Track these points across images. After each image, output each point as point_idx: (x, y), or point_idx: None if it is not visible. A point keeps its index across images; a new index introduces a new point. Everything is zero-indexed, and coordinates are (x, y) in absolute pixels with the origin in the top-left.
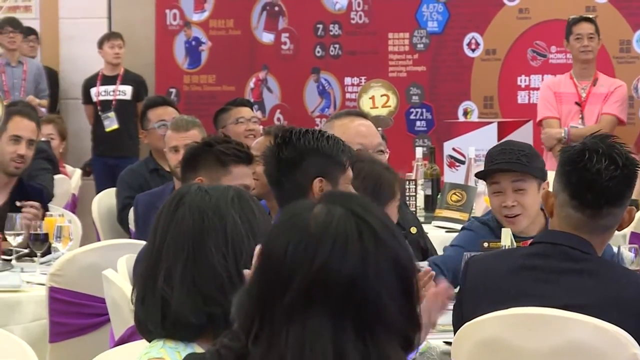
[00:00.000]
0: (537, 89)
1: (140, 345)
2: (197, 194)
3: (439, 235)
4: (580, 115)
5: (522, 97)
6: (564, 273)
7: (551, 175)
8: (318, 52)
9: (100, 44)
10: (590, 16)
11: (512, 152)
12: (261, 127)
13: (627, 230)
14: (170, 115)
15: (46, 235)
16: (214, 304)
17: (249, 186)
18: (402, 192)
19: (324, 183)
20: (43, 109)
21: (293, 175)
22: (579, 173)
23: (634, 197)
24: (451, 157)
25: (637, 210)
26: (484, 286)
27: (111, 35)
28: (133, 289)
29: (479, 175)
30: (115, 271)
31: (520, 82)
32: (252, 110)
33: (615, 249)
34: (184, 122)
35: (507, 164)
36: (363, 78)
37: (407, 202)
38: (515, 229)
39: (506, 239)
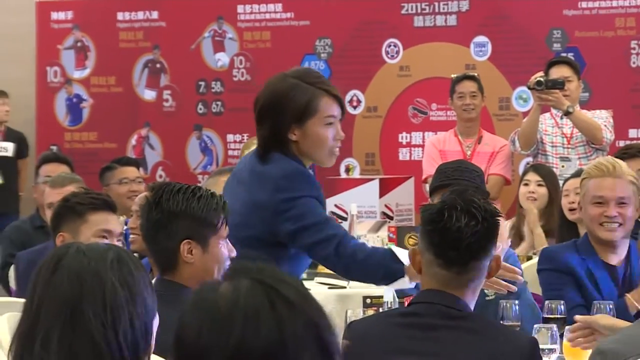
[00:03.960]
0: (418, 145)
1: None
2: (75, 257)
3: (322, 292)
4: None
5: (403, 154)
6: (441, 330)
7: None
8: (200, 108)
9: None
10: (474, 74)
11: (468, 170)
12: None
13: None
14: (60, 172)
15: None
16: None
17: (110, 230)
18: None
19: (192, 245)
20: None
21: (161, 237)
22: (441, 233)
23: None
24: (334, 213)
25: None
26: (363, 348)
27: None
28: (10, 348)
29: (431, 189)
30: None
31: (402, 139)
32: (138, 170)
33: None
34: (60, 178)
35: (465, 181)
36: (245, 135)
37: None
38: None
39: (388, 294)
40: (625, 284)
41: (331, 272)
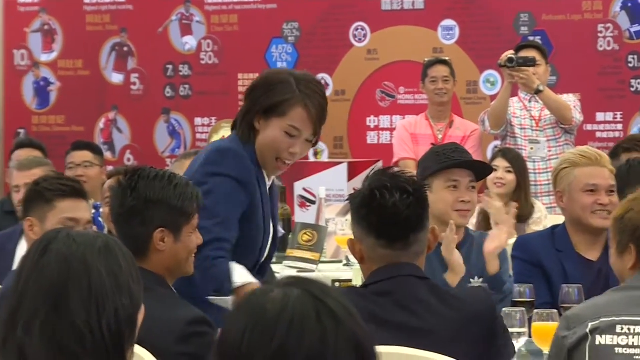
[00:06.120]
0: (386, 129)
1: None
2: (64, 242)
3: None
4: None
5: (371, 138)
6: (413, 300)
7: None
8: (168, 92)
9: None
10: (446, 58)
11: (465, 152)
12: (110, 168)
13: None
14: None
15: None
16: (72, 358)
17: (77, 219)
18: None
19: (165, 233)
20: None
21: (134, 223)
22: (377, 212)
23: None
24: (302, 197)
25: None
26: None
27: None
28: None
29: (433, 171)
30: None
31: (370, 122)
32: (97, 153)
33: None
34: (27, 161)
35: (469, 162)
36: (213, 118)
37: None
38: (464, 223)
39: (357, 278)
40: (601, 280)
41: (300, 256)
